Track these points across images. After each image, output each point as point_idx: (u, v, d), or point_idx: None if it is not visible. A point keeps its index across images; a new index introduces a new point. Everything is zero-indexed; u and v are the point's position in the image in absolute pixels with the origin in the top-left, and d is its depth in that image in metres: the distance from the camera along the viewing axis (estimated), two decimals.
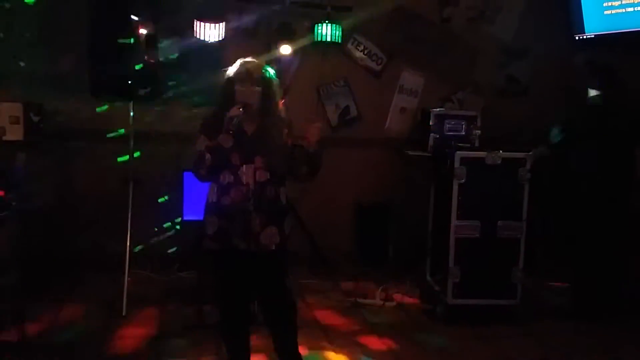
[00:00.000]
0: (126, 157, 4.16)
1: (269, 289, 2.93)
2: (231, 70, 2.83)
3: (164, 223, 4.48)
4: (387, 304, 4.25)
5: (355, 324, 3.94)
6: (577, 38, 5.25)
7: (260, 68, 2.82)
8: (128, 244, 4.02)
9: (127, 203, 4.09)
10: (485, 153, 3.92)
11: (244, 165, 2.74)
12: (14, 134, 4.17)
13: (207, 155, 2.70)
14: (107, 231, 4.38)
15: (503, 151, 3.92)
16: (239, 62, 2.84)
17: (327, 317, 4.01)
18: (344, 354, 3.48)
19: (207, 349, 3.42)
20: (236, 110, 2.67)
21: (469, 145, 4.45)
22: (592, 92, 4.13)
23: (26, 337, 3.41)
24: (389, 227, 5.10)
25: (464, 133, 4.65)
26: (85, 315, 3.85)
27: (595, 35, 5.13)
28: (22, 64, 4.47)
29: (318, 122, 2.79)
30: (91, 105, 4.44)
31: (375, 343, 3.65)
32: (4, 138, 4.13)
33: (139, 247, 4.19)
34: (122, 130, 4.39)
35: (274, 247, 2.79)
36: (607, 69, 4.19)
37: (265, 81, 2.79)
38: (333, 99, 5.14)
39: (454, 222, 3.91)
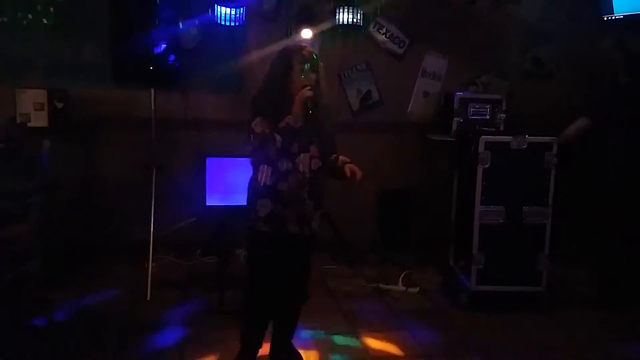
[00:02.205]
0: None
1: (300, 271, 2.99)
2: (289, 52, 2.81)
3: (187, 209, 4.50)
4: (410, 290, 4.23)
5: (378, 310, 3.94)
6: (605, 18, 5.10)
7: (315, 53, 2.82)
8: (152, 229, 4.05)
9: (150, 189, 4.12)
10: (510, 137, 3.85)
11: (302, 154, 2.77)
12: (39, 120, 4.20)
13: (278, 137, 2.68)
14: (130, 217, 4.42)
15: (529, 135, 3.85)
16: (294, 44, 2.86)
17: (349, 302, 4.01)
18: (365, 339, 3.47)
19: (230, 334, 3.43)
20: (308, 92, 2.68)
21: (493, 129, 4.38)
22: (622, 76, 4.02)
23: (53, 323, 3.47)
24: (412, 212, 5.07)
25: (488, 117, 4.59)
26: (111, 300, 3.90)
27: (624, 15, 4.97)
28: (45, 50, 4.51)
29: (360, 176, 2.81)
30: (114, 92, 4.45)
31: (397, 329, 3.64)
32: (29, 124, 4.16)
33: (162, 233, 4.21)
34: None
35: (317, 229, 2.90)
36: (637, 51, 4.07)
37: (319, 70, 2.80)
38: (355, 84, 5.08)
39: (478, 207, 3.86)
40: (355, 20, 4.53)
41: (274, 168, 2.77)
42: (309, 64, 2.75)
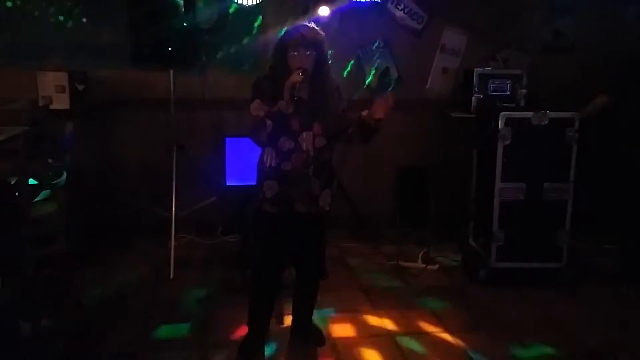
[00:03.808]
0: None
1: (312, 248, 3.02)
2: (283, 34, 2.79)
3: (207, 188, 4.54)
4: (429, 267, 4.24)
5: (397, 287, 3.96)
6: None
7: (313, 31, 2.77)
8: (173, 209, 4.11)
9: (171, 169, 4.16)
10: (531, 113, 3.81)
11: (304, 132, 2.77)
12: (61, 102, 4.25)
13: (268, 122, 2.69)
14: (152, 197, 4.48)
15: (550, 111, 3.80)
16: (290, 25, 2.82)
17: (369, 280, 4.04)
18: (385, 317, 3.50)
19: None
20: (297, 76, 2.64)
21: (514, 105, 4.33)
22: None
23: (79, 301, 3.56)
24: (431, 189, 5.05)
25: (509, 93, 4.53)
26: (134, 279, 3.97)
27: None
28: (65, 33, 4.55)
29: (391, 99, 2.74)
30: (133, 73, 4.48)
31: (417, 306, 3.66)
32: (51, 107, 4.21)
33: (184, 212, 4.26)
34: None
35: (328, 208, 2.90)
36: None
37: (319, 45, 2.76)
38: (372, 61, 5.05)
39: (499, 184, 3.84)
40: None
41: (277, 149, 2.78)
42: (302, 45, 2.69)
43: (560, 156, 3.82)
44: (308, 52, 2.72)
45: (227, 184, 4.22)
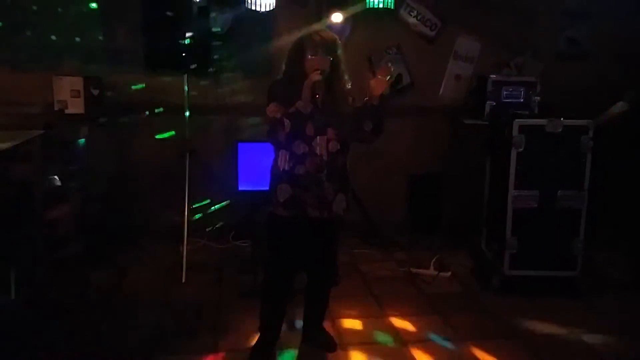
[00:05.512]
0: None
1: (325, 253, 3.03)
2: (301, 38, 2.82)
3: (219, 193, 4.56)
4: (441, 274, 4.22)
5: (409, 293, 3.94)
6: None
7: (331, 38, 2.81)
8: (186, 213, 4.12)
9: (183, 174, 4.18)
10: (545, 120, 3.78)
11: (318, 137, 2.78)
12: (75, 107, 4.29)
13: (287, 122, 2.71)
14: (165, 201, 4.50)
15: (564, 118, 3.78)
16: (308, 30, 2.85)
17: (381, 286, 4.02)
18: (397, 324, 3.49)
19: None
20: (317, 75, 2.68)
21: (527, 112, 4.30)
22: None
23: (92, 303, 3.57)
24: (443, 196, 5.04)
25: (522, 100, 4.51)
26: (147, 282, 3.98)
27: None
28: (80, 38, 4.59)
29: (384, 74, 2.74)
30: (147, 78, 4.51)
31: (429, 313, 3.64)
32: (66, 111, 4.25)
33: (196, 217, 4.27)
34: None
35: (342, 213, 2.90)
36: None
37: (336, 49, 2.79)
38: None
39: (512, 192, 3.82)
40: (385, 3, 4.48)
41: (291, 152, 2.80)
42: (321, 49, 2.74)
43: (574, 164, 3.79)
44: (326, 56, 2.74)
45: (240, 189, 4.23)
